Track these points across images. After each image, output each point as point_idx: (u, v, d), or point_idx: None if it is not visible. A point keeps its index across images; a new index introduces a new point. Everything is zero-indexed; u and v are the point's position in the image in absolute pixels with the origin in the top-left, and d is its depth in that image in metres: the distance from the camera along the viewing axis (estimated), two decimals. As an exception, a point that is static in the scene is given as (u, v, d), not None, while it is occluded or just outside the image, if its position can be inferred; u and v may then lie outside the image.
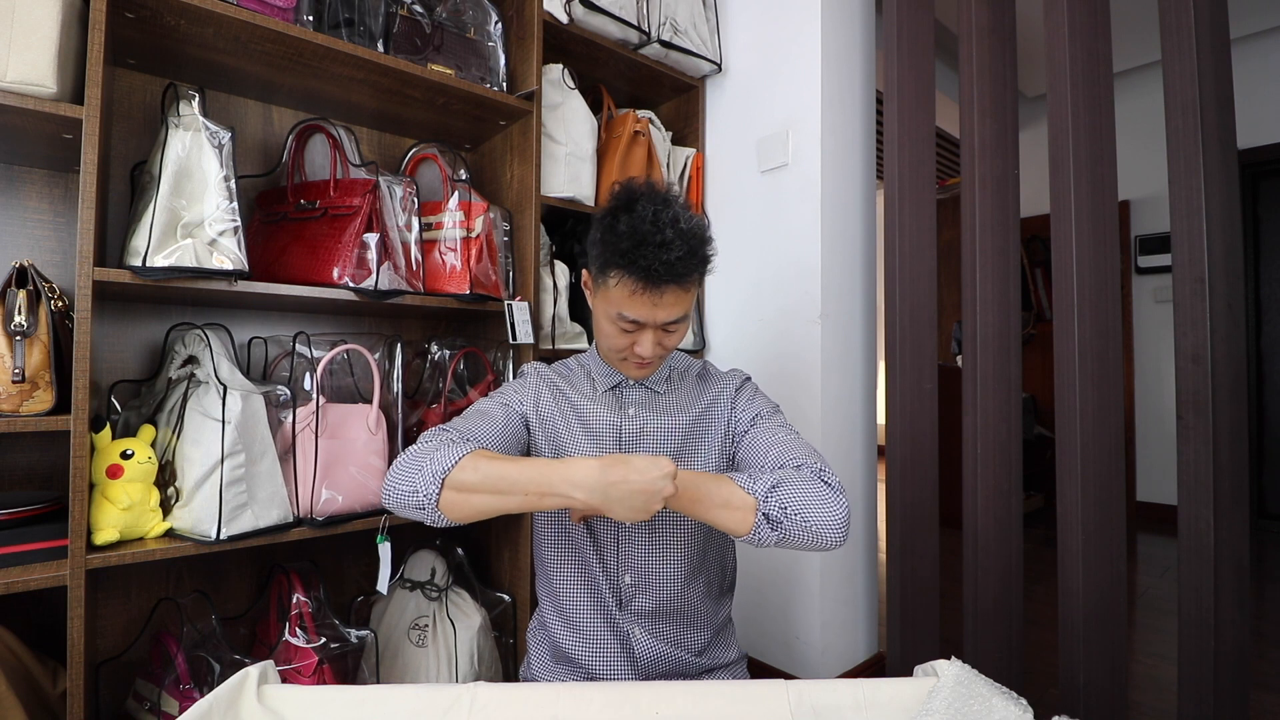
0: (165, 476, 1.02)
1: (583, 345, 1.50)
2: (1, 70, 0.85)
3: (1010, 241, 1.34)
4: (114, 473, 0.94)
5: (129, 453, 0.96)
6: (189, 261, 0.96)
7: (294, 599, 1.13)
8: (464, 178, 1.34)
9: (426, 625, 1.24)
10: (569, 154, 1.49)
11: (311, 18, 1.13)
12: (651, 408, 0.93)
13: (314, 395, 1.10)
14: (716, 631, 0.94)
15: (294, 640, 1.09)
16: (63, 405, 0.92)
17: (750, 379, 0.98)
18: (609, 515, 0.73)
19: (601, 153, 1.60)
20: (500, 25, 1.38)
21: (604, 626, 0.88)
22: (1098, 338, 1.18)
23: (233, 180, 1.01)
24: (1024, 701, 0.62)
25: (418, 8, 1.29)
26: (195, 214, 0.99)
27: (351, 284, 1.13)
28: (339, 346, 1.15)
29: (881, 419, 1.61)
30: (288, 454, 1.09)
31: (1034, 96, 3.63)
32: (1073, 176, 1.19)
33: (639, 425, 0.91)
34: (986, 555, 1.32)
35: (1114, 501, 1.16)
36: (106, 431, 0.96)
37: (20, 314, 0.90)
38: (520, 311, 1.34)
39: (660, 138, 1.70)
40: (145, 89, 1.21)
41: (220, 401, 0.99)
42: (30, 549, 0.92)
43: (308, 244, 1.17)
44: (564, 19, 1.41)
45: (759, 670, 1.56)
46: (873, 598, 1.66)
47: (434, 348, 1.40)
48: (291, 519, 1.07)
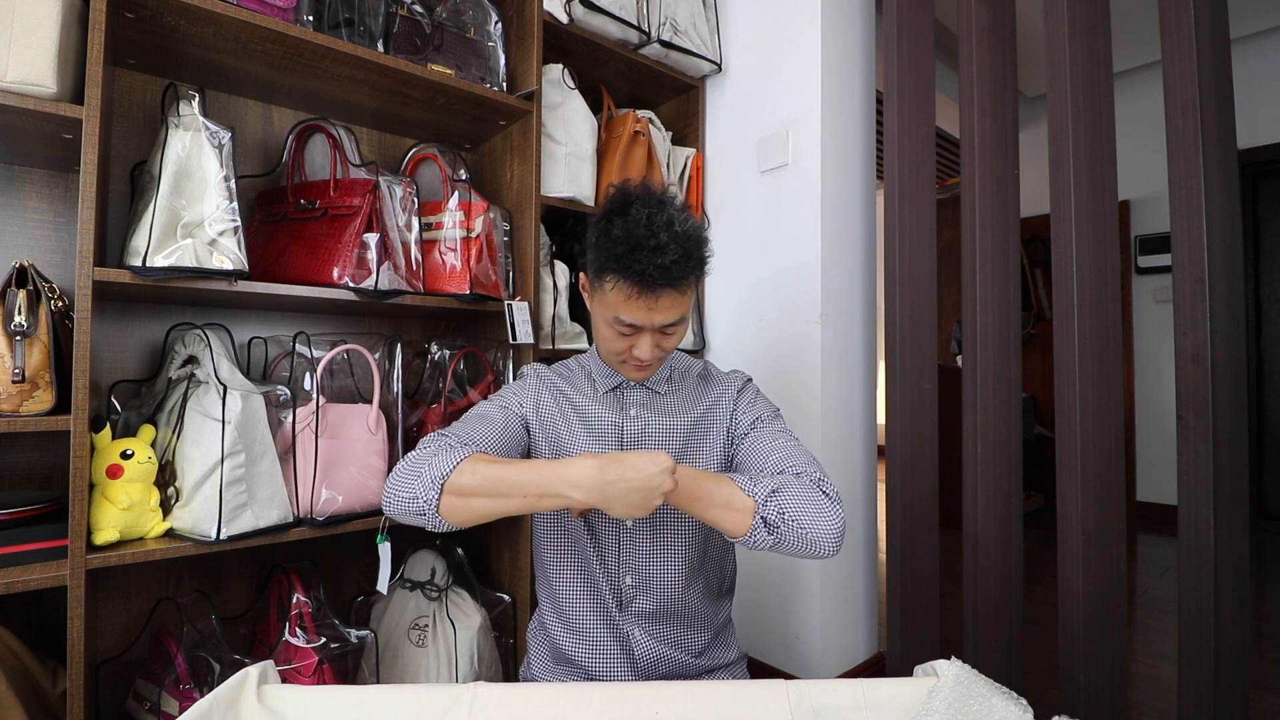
0: (165, 476, 1.02)
1: (583, 345, 1.50)
2: (1, 70, 0.85)
3: (1010, 241, 1.34)
4: (114, 473, 0.94)
5: (129, 453, 0.96)
6: (189, 261, 0.96)
7: (294, 599, 1.13)
8: (464, 178, 1.34)
9: (426, 625, 1.24)
10: (569, 154, 1.49)
11: (311, 18, 1.13)
12: (653, 408, 0.93)
13: (314, 395, 1.10)
14: (716, 633, 0.94)
15: (294, 640, 1.09)
16: (63, 405, 0.92)
17: (751, 380, 0.98)
18: (609, 513, 0.73)
19: (601, 153, 1.60)
20: (500, 25, 1.38)
21: (604, 628, 0.88)
22: (1098, 338, 1.18)
23: (233, 180, 1.01)
24: (1024, 701, 0.62)
25: (418, 8, 1.29)
26: (195, 214, 0.99)
27: (351, 284, 1.13)
28: (339, 346, 1.15)
29: (881, 419, 1.61)
30: (288, 454, 1.09)
31: (1034, 96, 3.63)
32: (1073, 176, 1.19)
33: (641, 426, 0.91)
34: (986, 555, 1.32)
35: (1114, 501, 1.16)
36: (106, 431, 0.96)
37: (20, 314, 0.90)
38: (520, 311, 1.34)
39: (660, 138, 1.70)
40: (145, 89, 1.21)
41: (220, 401, 0.99)
42: (30, 549, 0.92)
43: (308, 244, 1.17)
44: (564, 19, 1.41)
45: (759, 670, 1.56)
46: (873, 598, 1.66)
47: (434, 348, 1.40)
48: (291, 519, 1.08)
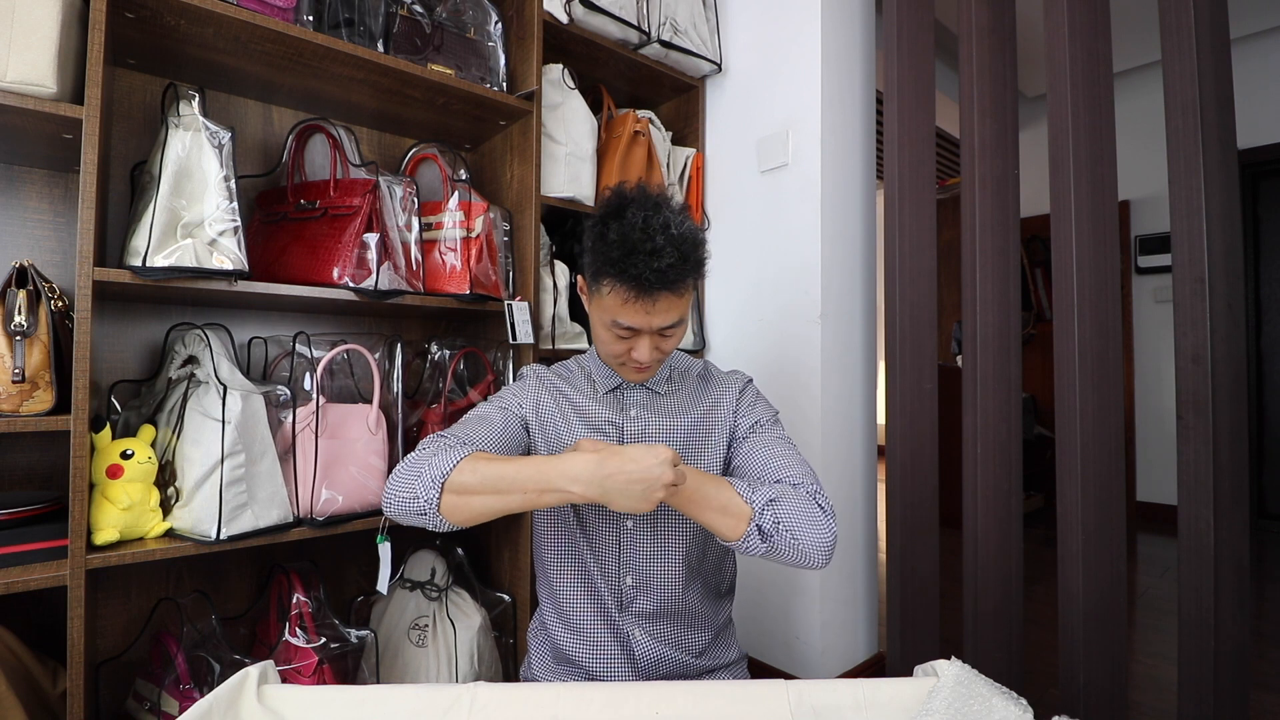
0: (165, 476, 1.02)
1: (583, 345, 1.50)
2: (1, 70, 0.85)
3: (1010, 241, 1.34)
4: (114, 473, 0.94)
5: (129, 453, 0.96)
6: (189, 261, 0.96)
7: (294, 599, 1.13)
8: (464, 178, 1.34)
9: (426, 625, 1.23)
10: (569, 154, 1.49)
11: (311, 18, 1.13)
12: (653, 409, 0.93)
13: (314, 395, 1.10)
14: (717, 633, 0.94)
15: (294, 640, 1.09)
16: (63, 405, 0.92)
17: (751, 381, 0.98)
18: (611, 508, 0.73)
19: (601, 153, 1.60)
20: (500, 25, 1.38)
21: (604, 628, 0.88)
22: (1098, 338, 1.18)
23: (233, 180, 1.01)
24: (1024, 701, 0.62)
25: (418, 8, 1.29)
26: (195, 214, 0.99)
27: (351, 284, 1.13)
28: (339, 346, 1.15)
29: (881, 419, 1.61)
30: (288, 454, 1.09)
31: (1034, 96, 3.63)
32: (1073, 176, 1.19)
33: (641, 427, 0.91)
34: (986, 555, 1.32)
35: (1114, 501, 1.16)
36: (106, 431, 0.96)
37: (20, 314, 0.90)
38: (520, 311, 1.34)
39: (660, 138, 1.70)
40: (145, 89, 1.21)
41: (220, 401, 0.99)
42: (30, 549, 0.92)
43: (308, 244, 1.17)
44: (564, 19, 1.41)
45: (759, 670, 1.56)
46: (873, 598, 1.66)
47: (434, 348, 1.40)
48: (291, 519, 1.08)
